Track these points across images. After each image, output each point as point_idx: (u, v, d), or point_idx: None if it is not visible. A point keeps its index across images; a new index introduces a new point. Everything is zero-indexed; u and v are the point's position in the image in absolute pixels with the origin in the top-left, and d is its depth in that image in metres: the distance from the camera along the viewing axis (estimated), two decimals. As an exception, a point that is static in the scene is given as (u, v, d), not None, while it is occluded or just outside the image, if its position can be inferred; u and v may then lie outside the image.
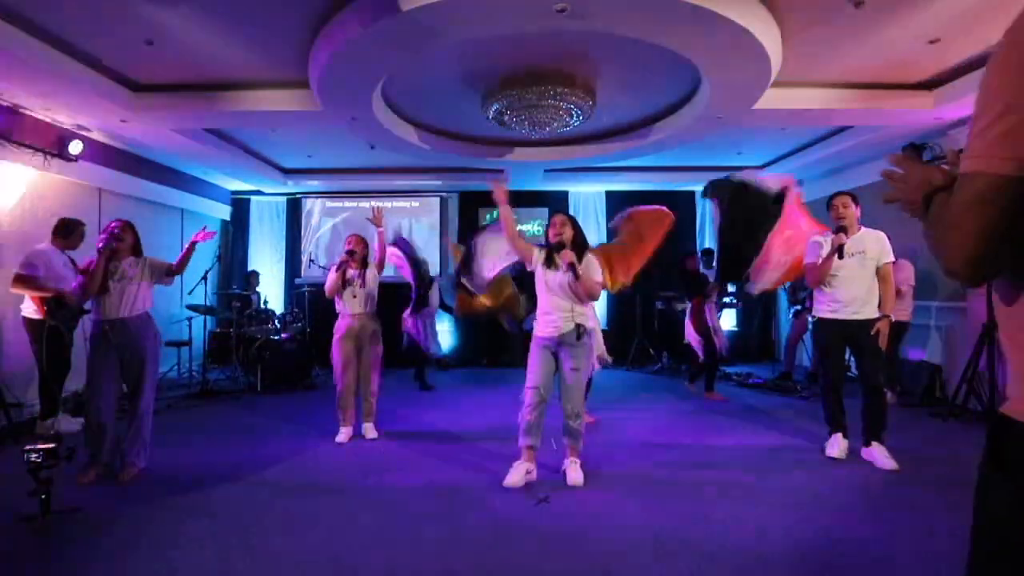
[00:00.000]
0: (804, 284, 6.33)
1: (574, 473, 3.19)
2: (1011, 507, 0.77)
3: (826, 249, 3.55)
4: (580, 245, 3.27)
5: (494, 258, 4.47)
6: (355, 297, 4.14)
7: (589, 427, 4.08)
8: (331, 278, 4.12)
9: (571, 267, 3.09)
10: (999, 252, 0.75)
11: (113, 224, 3.41)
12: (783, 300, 7.57)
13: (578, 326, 3.14)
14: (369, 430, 4.22)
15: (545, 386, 3.15)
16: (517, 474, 3.12)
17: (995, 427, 0.83)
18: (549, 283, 3.19)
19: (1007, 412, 0.82)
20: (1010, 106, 0.72)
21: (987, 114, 0.74)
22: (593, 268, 3.20)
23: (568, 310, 3.15)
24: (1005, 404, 0.83)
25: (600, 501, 2.94)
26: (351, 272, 4.14)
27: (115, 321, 3.27)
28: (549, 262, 3.21)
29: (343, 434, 4.11)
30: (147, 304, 3.42)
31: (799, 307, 6.59)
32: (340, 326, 4.16)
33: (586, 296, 3.15)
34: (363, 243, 4.27)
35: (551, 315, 3.17)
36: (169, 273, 3.52)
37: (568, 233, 3.27)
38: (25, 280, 4.19)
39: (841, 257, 3.47)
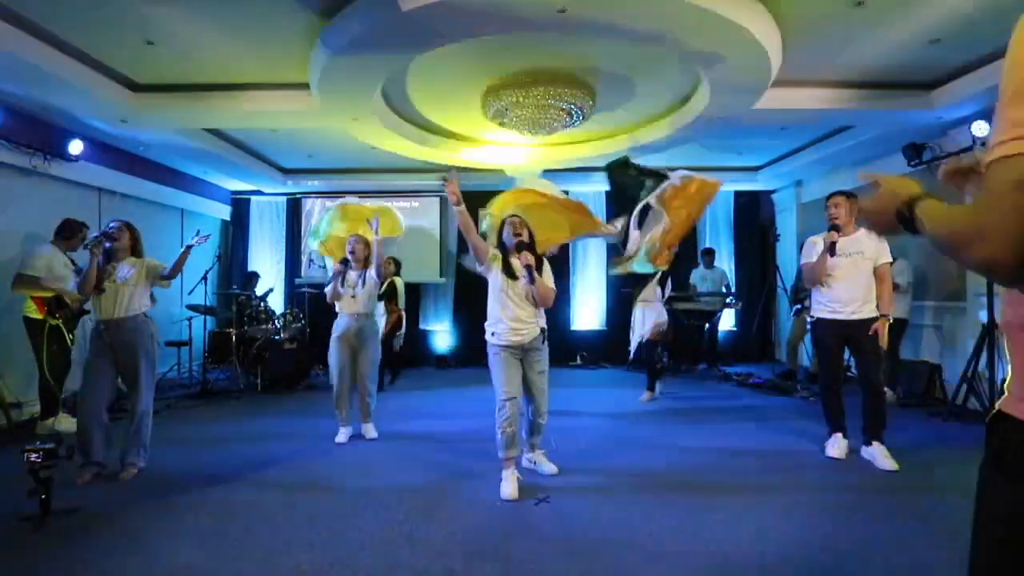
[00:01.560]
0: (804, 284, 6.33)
1: (547, 464, 3.36)
2: (1011, 505, 0.77)
3: (820, 248, 3.56)
4: (533, 250, 3.16)
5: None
6: (354, 298, 4.14)
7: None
8: (330, 286, 4.12)
9: (529, 269, 3.03)
10: None
11: (112, 225, 3.42)
12: (783, 300, 7.57)
13: (542, 330, 3.19)
14: (369, 430, 4.22)
15: (519, 395, 3.11)
16: (511, 485, 3.01)
17: (994, 424, 0.83)
18: (511, 292, 3.10)
19: (1007, 410, 0.81)
20: None
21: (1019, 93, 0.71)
22: (547, 274, 3.19)
23: (533, 316, 3.14)
24: (1004, 401, 0.82)
25: (599, 501, 2.94)
26: (352, 274, 4.14)
27: (111, 321, 3.27)
28: (508, 270, 3.11)
29: (342, 434, 4.12)
30: (145, 305, 3.41)
31: (800, 307, 6.58)
32: (339, 326, 4.16)
33: (542, 302, 3.14)
34: (365, 244, 4.26)
35: (517, 323, 3.08)
36: (163, 277, 3.48)
37: (525, 235, 3.20)
38: (26, 280, 4.19)
39: (833, 255, 3.48)
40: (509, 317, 3.09)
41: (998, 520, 0.80)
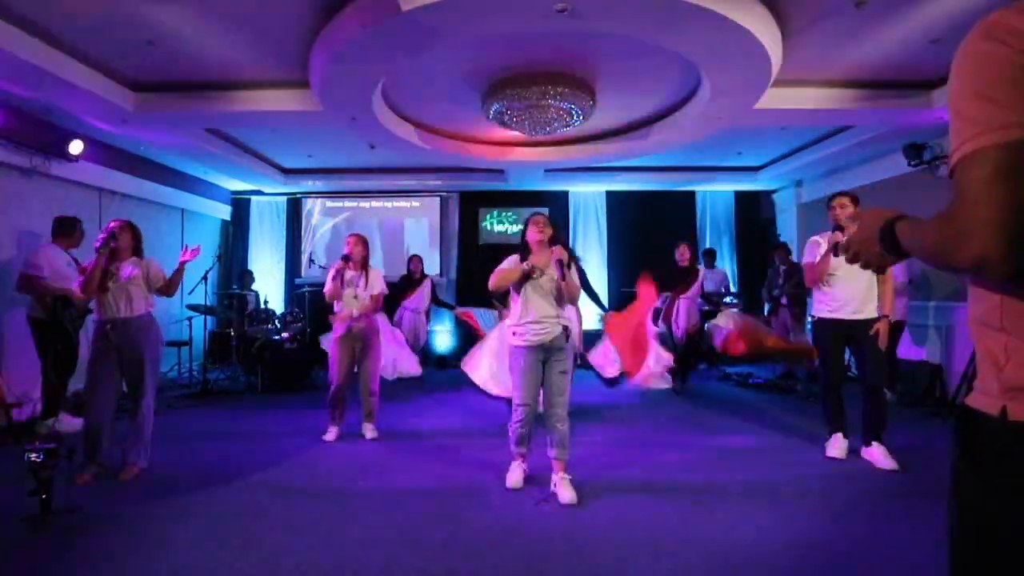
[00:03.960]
0: (778, 282, 6.41)
1: (566, 492, 2.93)
2: (981, 498, 0.78)
3: (823, 248, 3.56)
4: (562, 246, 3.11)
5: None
6: (356, 298, 4.13)
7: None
8: (329, 284, 4.09)
9: (560, 264, 2.94)
10: None
11: (112, 224, 3.41)
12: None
13: (564, 328, 3.08)
14: (369, 430, 4.21)
15: (535, 399, 3.09)
16: (516, 475, 3.16)
17: (960, 419, 0.84)
18: (533, 290, 3.02)
19: (972, 404, 0.81)
20: (998, 79, 0.72)
21: (973, 96, 0.75)
22: (573, 272, 3.14)
23: (555, 315, 3.05)
24: (971, 396, 0.83)
25: (600, 501, 2.94)
26: (351, 274, 4.13)
27: (116, 321, 3.26)
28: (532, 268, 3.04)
29: (331, 433, 4.12)
30: (149, 305, 3.41)
31: (771, 305, 6.69)
32: (340, 326, 4.15)
33: (569, 298, 3.08)
34: (363, 243, 4.25)
35: (540, 322, 3.01)
36: (160, 291, 3.45)
37: (549, 233, 3.11)
38: (30, 280, 4.19)
39: (837, 256, 3.48)
40: (532, 317, 3.01)
41: (971, 512, 0.81)
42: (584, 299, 3.89)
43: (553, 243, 3.06)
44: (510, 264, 3.10)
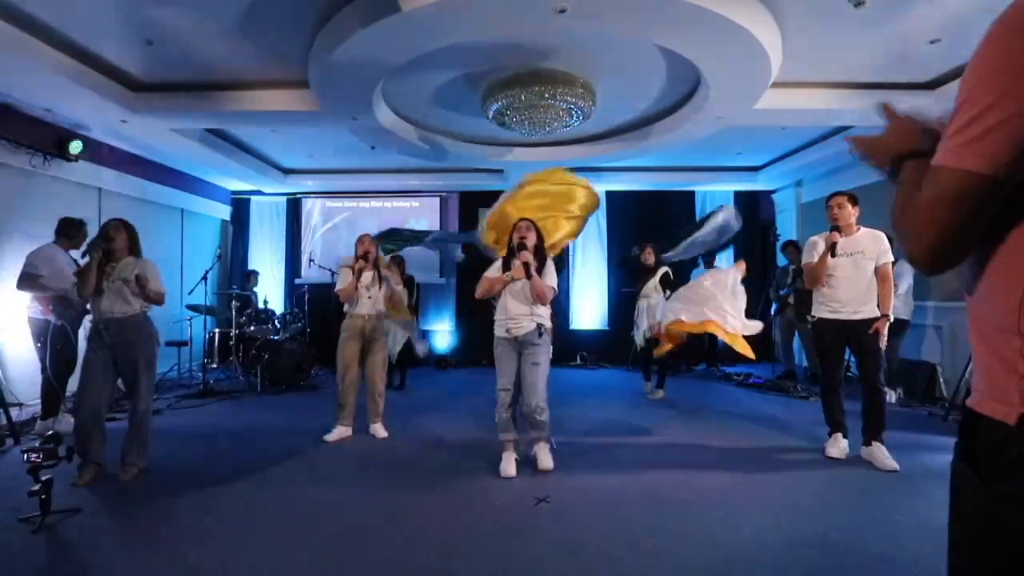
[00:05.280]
0: (786, 281, 6.42)
1: (544, 458, 3.38)
2: (988, 506, 0.77)
3: (821, 248, 3.56)
4: (540, 253, 3.45)
5: None
6: (370, 298, 4.17)
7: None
8: (347, 282, 4.10)
9: (526, 267, 3.29)
10: (962, 247, 0.76)
11: (108, 225, 3.40)
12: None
13: (539, 325, 3.36)
14: (379, 430, 4.23)
15: (514, 384, 3.41)
16: (509, 464, 3.34)
17: (963, 421, 0.83)
18: (509, 290, 3.39)
19: (980, 409, 0.81)
20: (1003, 96, 0.68)
21: (972, 106, 0.71)
22: (550, 275, 3.40)
23: (528, 313, 3.37)
24: (976, 400, 0.83)
25: (599, 501, 2.94)
26: (367, 274, 4.16)
27: (110, 321, 3.25)
28: (508, 268, 3.40)
29: (335, 433, 4.11)
30: (144, 304, 3.39)
31: (778, 304, 6.70)
32: (348, 325, 4.18)
33: (538, 298, 3.33)
34: (375, 244, 4.30)
35: (515, 319, 3.36)
36: (144, 296, 3.33)
37: (532, 239, 3.44)
38: (29, 280, 4.19)
39: (834, 255, 3.48)
40: (507, 314, 3.39)
41: (972, 516, 0.81)
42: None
43: (521, 249, 3.35)
44: (493, 273, 3.47)
